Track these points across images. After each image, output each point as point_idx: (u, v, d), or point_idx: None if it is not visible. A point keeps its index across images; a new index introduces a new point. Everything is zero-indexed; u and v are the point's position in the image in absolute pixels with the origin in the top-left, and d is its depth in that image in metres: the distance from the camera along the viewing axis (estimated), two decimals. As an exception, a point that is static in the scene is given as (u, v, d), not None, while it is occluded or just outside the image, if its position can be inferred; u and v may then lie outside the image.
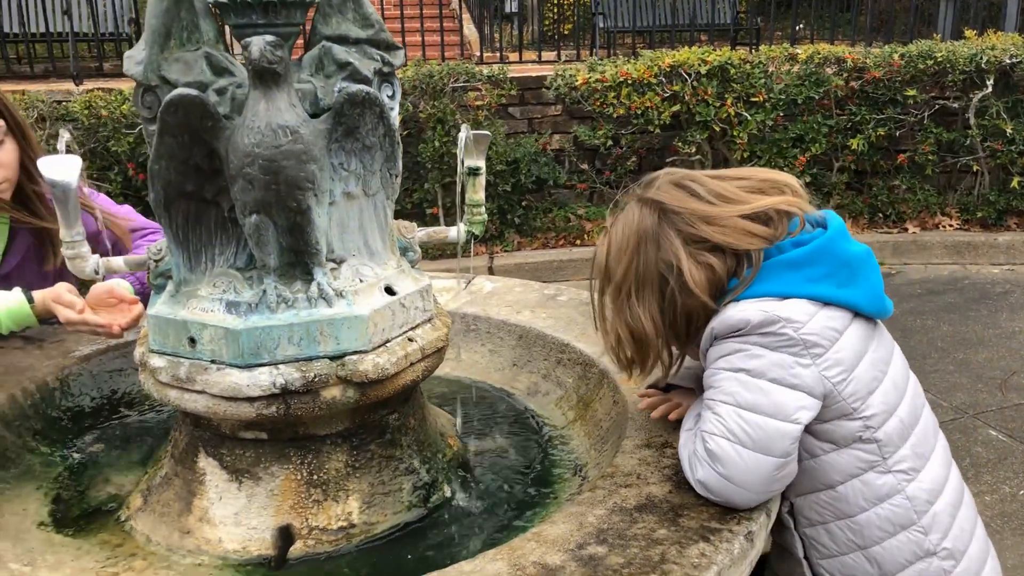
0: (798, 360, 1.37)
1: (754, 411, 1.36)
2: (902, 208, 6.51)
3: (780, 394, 1.36)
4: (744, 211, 1.44)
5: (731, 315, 1.40)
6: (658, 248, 1.46)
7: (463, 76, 6.21)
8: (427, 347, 1.69)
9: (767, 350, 1.37)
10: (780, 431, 1.36)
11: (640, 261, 1.47)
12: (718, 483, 1.37)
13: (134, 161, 5.57)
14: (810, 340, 1.37)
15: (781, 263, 1.43)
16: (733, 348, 1.40)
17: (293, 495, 1.61)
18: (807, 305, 1.40)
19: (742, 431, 1.36)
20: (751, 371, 1.37)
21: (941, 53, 6.04)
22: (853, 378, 1.42)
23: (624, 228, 1.50)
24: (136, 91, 1.57)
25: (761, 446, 1.35)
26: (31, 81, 7.66)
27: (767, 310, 1.38)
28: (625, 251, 1.48)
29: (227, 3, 1.55)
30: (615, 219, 1.55)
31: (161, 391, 1.59)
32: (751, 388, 1.37)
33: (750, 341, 1.38)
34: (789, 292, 1.40)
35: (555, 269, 6.26)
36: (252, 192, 1.47)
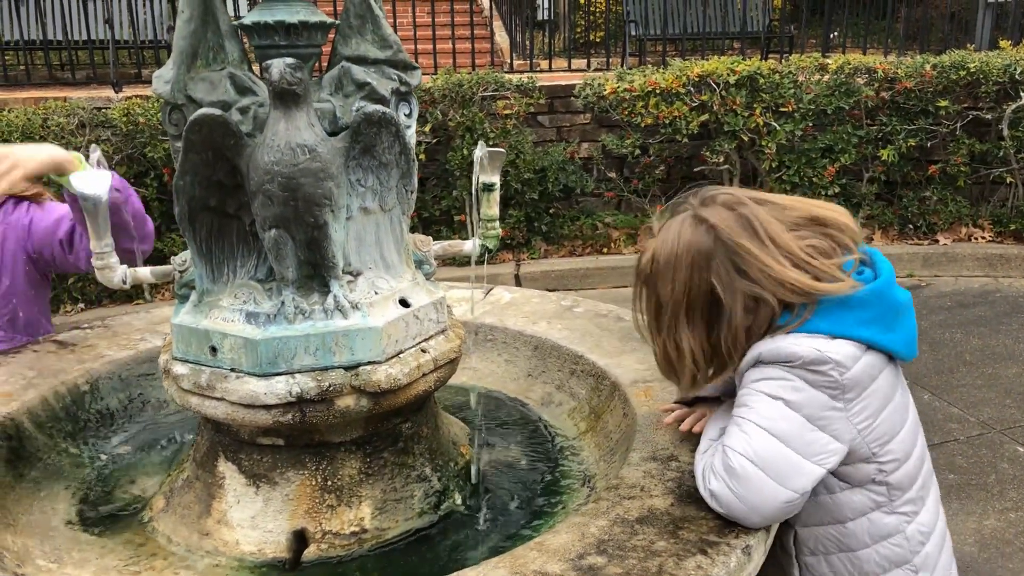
0: (834, 404, 1.38)
1: (784, 442, 1.37)
2: (933, 219, 6.44)
3: (813, 434, 1.38)
4: (797, 261, 1.41)
5: (783, 346, 1.39)
6: (709, 273, 1.43)
7: (492, 85, 6.27)
8: (440, 358, 1.74)
9: (810, 387, 1.37)
10: (803, 469, 1.37)
11: (690, 282, 1.45)
12: (728, 498, 1.39)
13: (169, 167, 5.70)
14: (849, 385, 1.38)
15: (836, 302, 1.41)
16: (778, 375, 1.39)
17: (308, 500, 1.66)
18: (854, 348, 1.40)
19: (767, 457, 1.37)
20: (790, 403, 1.38)
21: (974, 64, 5.97)
22: (878, 424, 1.43)
23: (675, 242, 1.46)
24: (163, 109, 1.64)
25: (781, 477, 1.37)
26: (73, 88, 7.85)
27: (820, 349, 1.37)
28: (675, 268, 1.46)
29: (251, 25, 1.62)
30: (665, 227, 1.51)
31: (183, 397, 1.65)
32: (787, 419, 1.38)
33: (795, 373, 1.38)
34: (840, 332, 1.40)
35: (581, 277, 6.29)
36: (271, 208, 1.53)
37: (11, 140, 5.32)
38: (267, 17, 1.60)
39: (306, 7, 1.64)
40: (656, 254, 1.49)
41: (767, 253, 1.41)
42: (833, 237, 1.46)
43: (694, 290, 1.44)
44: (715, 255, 1.43)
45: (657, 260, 1.49)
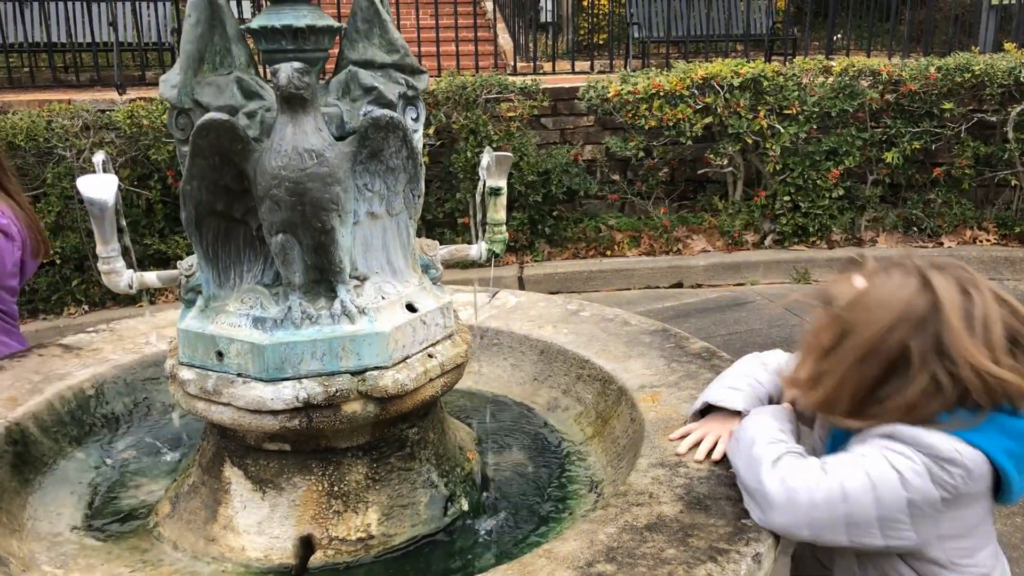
0: (939, 507, 1.37)
1: (877, 504, 1.35)
2: (938, 222, 6.42)
3: (902, 515, 1.36)
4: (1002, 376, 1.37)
5: (923, 435, 1.37)
6: (912, 337, 1.38)
7: (496, 87, 6.26)
8: (447, 363, 1.73)
9: (930, 480, 1.36)
10: (869, 533, 1.37)
11: (888, 334, 1.40)
12: (804, 506, 1.37)
13: (173, 169, 5.70)
14: (964, 495, 1.37)
15: (998, 423, 1.38)
16: (907, 453, 1.36)
17: (314, 506, 1.66)
18: (987, 467, 1.38)
19: (857, 501, 1.36)
20: (906, 482, 1.35)
21: (979, 66, 5.95)
22: (965, 539, 1.43)
23: (892, 293, 1.42)
24: (170, 113, 1.64)
25: (853, 525, 1.36)
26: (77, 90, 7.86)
27: (960, 451, 1.35)
28: (880, 314, 1.41)
29: (258, 29, 1.61)
30: (885, 274, 1.46)
31: (189, 402, 1.65)
32: (893, 491, 1.35)
33: (924, 462, 1.36)
34: (985, 448, 1.37)
35: (585, 279, 6.28)
36: (278, 213, 1.52)
37: (16, 142, 5.33)
38: (274, 21, 1.59)
39: (313, 11, 1.63)
40: (865, 299, 1.44)
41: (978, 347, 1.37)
42: None
43: (888, 342, 1.40)
44: (927, 325, 1.38)
45: (865, 304, 1.44)
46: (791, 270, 6.21)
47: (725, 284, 6.23)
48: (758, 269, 6.25)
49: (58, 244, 5.56)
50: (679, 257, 6.42)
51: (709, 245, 6.51)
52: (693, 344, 2.19)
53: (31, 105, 6.35)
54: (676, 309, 5.76)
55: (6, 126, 5.38)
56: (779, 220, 6.40)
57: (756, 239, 6.49)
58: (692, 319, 5.50)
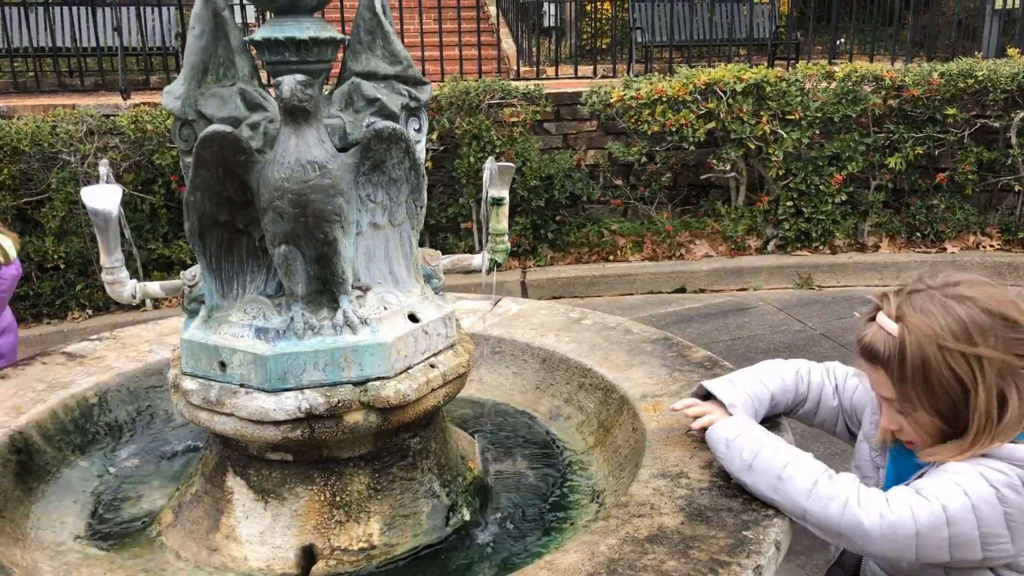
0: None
1: (979, 521, 1.36)
2: (941, 227, 6.41)
3: (1000, 528, 1.36)
4: None
5: (1018, 449, 1.38)
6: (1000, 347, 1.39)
7: (499, 93, 6.27)
8: (449, 373, 1.74)
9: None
10: (972, 551, 1.37)
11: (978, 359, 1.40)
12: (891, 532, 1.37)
13: (177, 174, 5.71)
14: None
15: None
16: (1001, 468, 1.38)
17: (316, 515, 1.66)
18: None
19: (960, 523, 1.36)
20: (1002, 497, 1.36)
21: (982, 72, 5.95)
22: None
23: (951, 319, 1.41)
24: (174, 125, 1.65)
25: (954, 545, 1.37)
26: (81, 94, 7.88)
27: None
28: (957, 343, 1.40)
29: (262, 41, 1.62)
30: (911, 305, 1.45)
31: (192, 412, 1.65)
32: (992, 506, 1.36)
33: (1021, 474, 1.37)
34: None
35: (588, 284, 6.28)
36: (281, 224, 1.53)
37: (21, 147, 5.35)
38: (277, 33, 1.60)
39: (316, 23, 1.64)
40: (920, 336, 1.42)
41: None
42: None
43: (994, 365, 1.39)
44: (995, 329, 1.39)
45: (922, 343, 1.41)
46: (794, 275, 6.21)
47: (728, 289, 6.22)
48: (761, 274, 6.25)
49: (62, 249, 5.58)
50: (682, 262, 6.42)
51: (712, 250, 6.51)
52: (695, 353, 2.19)
53: (36, 110, 6.38)
54: (679, 314, 5.76)
55: (11, 131, 5.39)
56: (782, 225, 6.39)
57: (759, 244, 6.49)
58: (695, 324, 5.50)
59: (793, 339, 5.13)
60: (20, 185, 5.52)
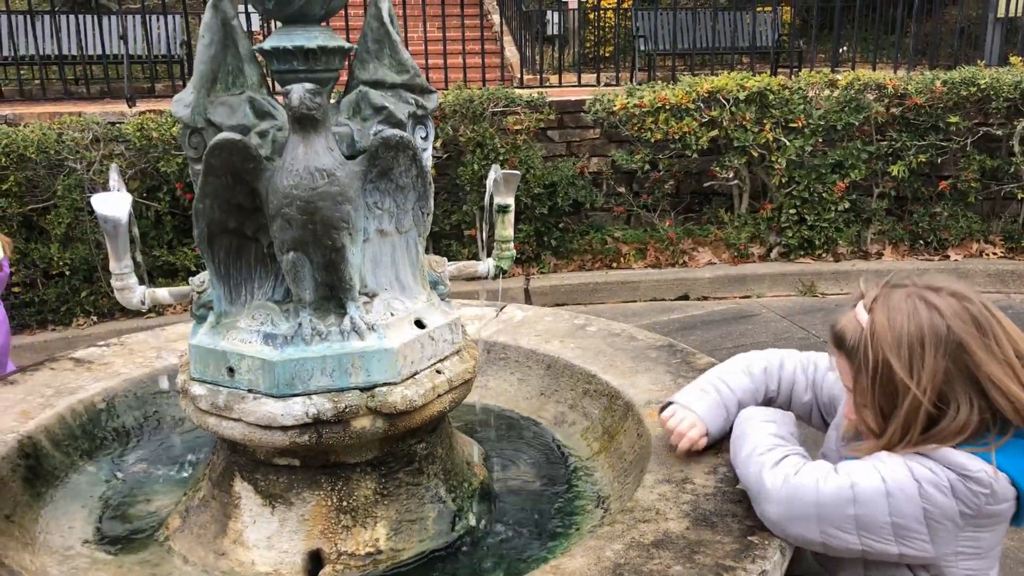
0: (957, 521, 1.37)
1: (890, 508, 1.36)
2: (944, 235, 6.42)
3: (916, 524, 1.36)
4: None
5: (956, 454, 1.36)
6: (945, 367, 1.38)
7: (503, 101, 6.29)
8: (455, 379, 1.75)
9: (952, 494, 1.35)
10: (883, 539, 1.37)
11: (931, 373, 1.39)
12: (810, 503, 1.38)
13: (182, 181, 5.74)
14: (985, 515, 1.37)
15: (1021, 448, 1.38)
16: (932, 468, 1.37)
17: (323, 520, 1.67)
18: (1011, 490, 1.38)
19: (868, 501, 1.36)
20: (924, 494, 1.36)
21: (985, 80, 5.96)
22: (977, 558, 1.42)
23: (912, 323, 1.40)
24: (183, 132, 1.66)
25: (863, 528, 1.37)
26: (87, 102, 7.92)
27: (989, 475, 1.35)
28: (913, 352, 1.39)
29: (270, 50, 1.64)
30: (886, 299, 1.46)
31: (200, 418, 1.66)
32: (910, 500, 1.36)
33: (949, 477, 1.35)
34: (1011, 474, 1.37)
35: (591, 291, 6.29)
36: (290, 231, 1.55)
37: (27, 154, 5.38)
38: (286, 42, 1.62)
39: (324, 32, 1.66)
40: (882, 332, 1.42)
41: (1000, 366, 1.37)
42: None
43: (935, 384, 1.39)
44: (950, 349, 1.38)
45: (883, 339, 1.42)
46: (797, 283, 6.22)
47: (731, 297, 6.23)
48: (764, 282, 6.26)
49: (67, 256, 5.60)
50: (685, 269, 6.43)
51: (715, 258, 6.52)
52: (699, 359, 2.20)
53: (42, 117, 6.41)
54: (682, 321, 5.76)
55: (18, 138, 5.42)
56: (785, 233, 6.40)
57: (762, 252, 6.50)
58: (698, 331, 5.51)
59: (796, 346, 5.12)
60: (26, 192, 5.55)
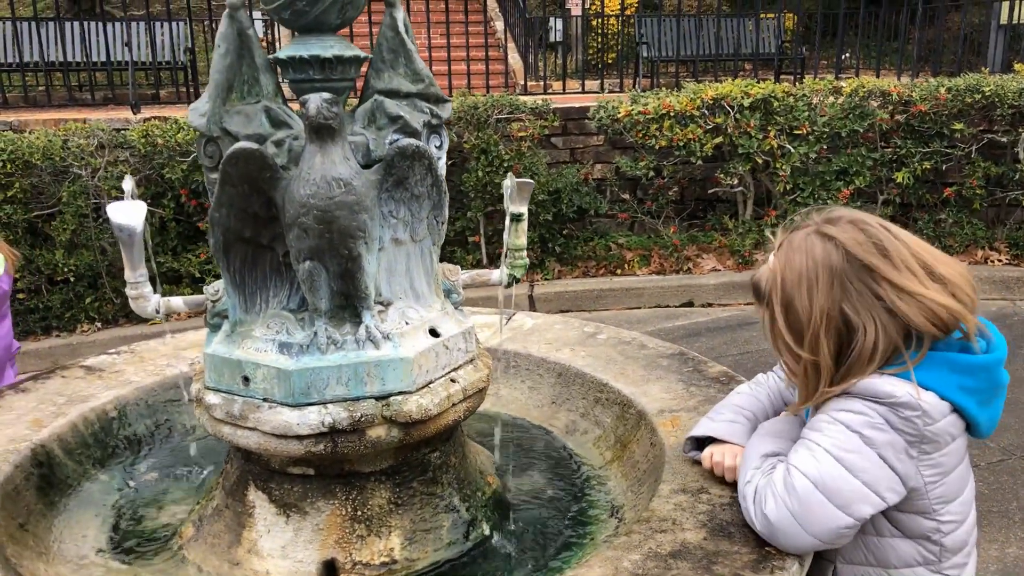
0: (908, 449, 1.38)
1: (850, 471, 1.37)
2: (948, 242, 6.42)
3: (880, 471, 1.38)
4: (933, 297, 1.38)
5: (878, 383, 1.38)
6: (844, 293, 1.40)
7: (507, 108, 6.30)
8: (469, 388, 1.75)
9: (891, 427, 1.37)
10: (866, 498, 1.38)
11: (827, 303, 1.40)
12: (785, 520, 1.39)
13: (187, 188, 5.75)
14: (928, 437, 1.39)
15: (946, 360, 1.40)
16: (861, 409, 1.39)
17: (338, 530, 1.67)
18: (944, 405, 1.39)
19: (832, 481, 1.37)
20: (868, 439, 1.38)
21: (989, 87, 5.97)
22: (945, 483, 1.44)
23: (808, 259, 1.42)
24: (199, 141, 1.66)
25: (843, 503, 1.37)
26: (92, 108, 7.95)
27: (914, 395, 1.36)
28: (811, 284, 1.41)
29: (286, 59, 1.64)
30: (787, 242, 1.48)
31: (215, 427, 1.66)
32: (858, 451, 1.38)
33: (880, 412, 1.38)
34: (938, 390, 1.38)
35: (595, 298, 6.29)
36: (306, 240, 1.55)
37: (33, 161, 5.38)
38: (302, 52, 1.62)
39: (340, 42, 1.66)
40: (784, 271, 1.45)
41: (901, 276, 1.38)
42: (955, 295, 1.40)
43: (832, 311, 1.41)
44: (848, 270, 1.40)
45: (785, 279, 1.45)
46: (802, 289, 6.21)
47: (736, 303, 6.23)
48: (769, 288, 6.25)
49: (72, 262, 5.61)
50: (689, 276, 6.43)
51: (719, 264, 6.52)
52: (711, 368, 2.20)
53: (47, 124, 6.43)
54: (687, 328, 5.76)
55: (23, 145, 5.43)
56: (789, 239, 6.40)
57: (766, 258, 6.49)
58: (703, 338, 5.51)
59: (802, 353, 5.12)
60: (31, 198, 5.55)
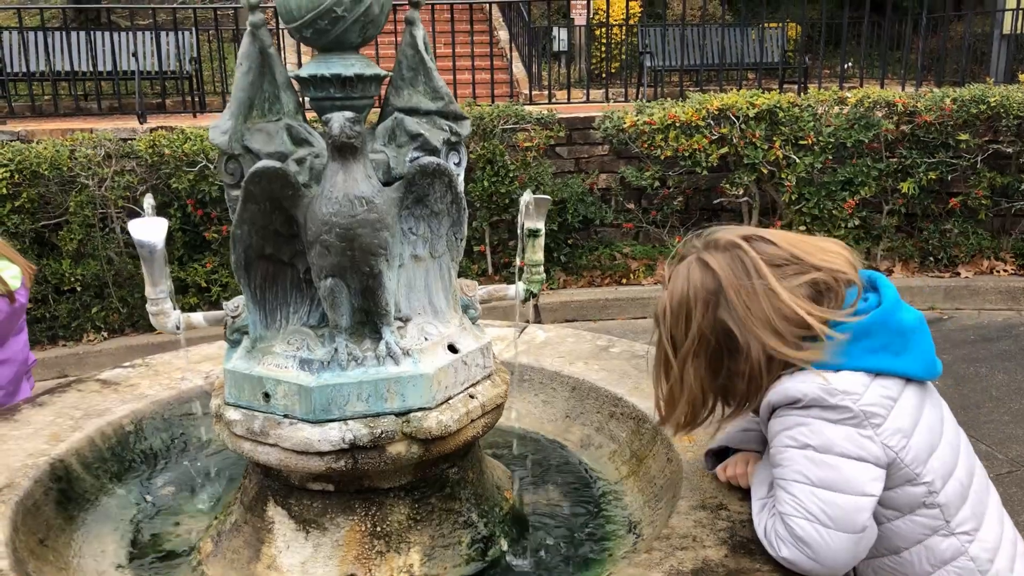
0: (860, 432, 1.39)
1: (828, 488, 1.38)
2: (954, 252, 6.43)
3: (850, 468, 1.38)
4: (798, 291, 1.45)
5: (788, 387, 1.42)
6: (719, 311, 1.47)
7: (512, 118, 6.32)
8: (487, 404, 1.75)
9: (830, 424, 1.39)
10: (856, 505, 1.38)
11: (702, 322, 1.47)
12: (806, 563, 1.39)
13: (193, 198, 5.77)
14: (869, 411, 1.39)
15: (841, 334, 1.43)
16: (795, 422, 1.42)
17: (357, 546, 1.67)
18: (861, 376, 1.42)
19: (820, 511, 1.38)
20: (818, 447, 1.39)
21: (995, 98, 5.99)
22: (912, 444, 1.43)
23: (684, 286, 1.51)
24: (220, 159, 1.67)
25: (841, 524, 1.38)
26: (98, 118, 7.98)
27: (824, 383, 1.40)
28: (687, 309, 1.49)
29: (307, 78, 1.65)
30: (675, 273, 1.55)
31: (235, 443, 1.67)
32: (820, 465, 1.39)
33: (812, 415, 1.40)
34: (845, 364, 1.42)
35: (601, 308, 6.30)
36: (329, 257, 1.55)
37: (40, 171, 5.40)
38: (323, 70, 1.63)
39: (361, 60, 1.67)
40: (668, 299, 1.53)
41: (767, 286, 1.45)
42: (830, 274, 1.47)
43: (706, 330, 1.48)
44: (722, 295, 1.46)
45: (669, 305, 1.53)
46: (807, 299, 6.21)
47: (741, 313, 6.22)
48: (774, 298, 6.25)
49: (79, 272, 5.62)
50: (695, 286, 6.42)
51: (725, 274, 6.51)
52: (726, 382, 2.20)
53: (54, 133, 6.45)
54: (693, 338, 5.75)
55: (31, 155, 5.45)
56: (795, 249, 6.40)
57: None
58: (709, 349, 5.50)
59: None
60: (39, 208, 5.57)
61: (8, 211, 5.42)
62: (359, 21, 1.62)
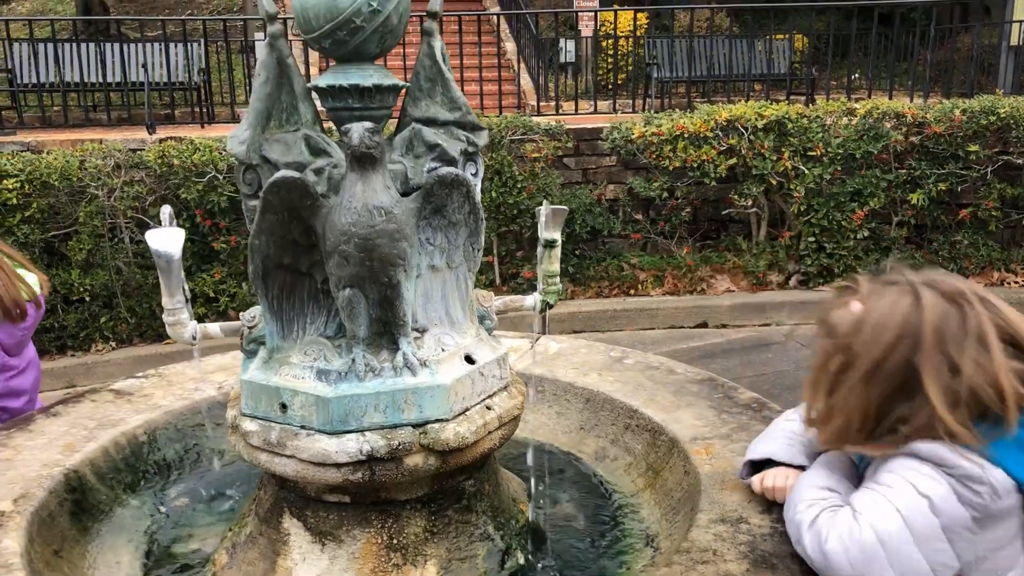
0: (971, 526, 1.36)
1: (916, 539, 1.35)
2: (964, 263, 6.40)
3: (941, 543, 1.35)
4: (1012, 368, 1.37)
5: (947, 453, 1.35)
6: (915, 354, 1.39)
7: (520, 129, 6.33)
8: (504, 415, 1.74)
9: (957, 500, 1.35)
10: (919, 571, 1.35)
11: (891, 351, 1.40)
12: (842, 564, 1.37)
13: (202, 208, 5.78)
14: (993, 514, 1.36)
15: (1018, 439, 1.37)
16: (931, 474, 1.36)
17: (373, 559, 1.66)
18: (1011, 484, 1.36)
19: (896, 546, 1.35)
20: (935, 506, 1.35)
21: (1005, 109, 5.98)
22: (999, 558, 1.41)
23: (887, 308, 1.43)
24: (238, 169, 1.67)
25: (901, 570, 1.35)
26: (107, 128, 7.99)
27: (985, 471, 1.34)
28: (880, 334, 1.41)
29: (325, 88, 1.65)
30: (878, 291, 1.47)
31: (252, 454, 1.66)
32: (926, 518, 1.35)
33: (949, 482, 1.35)
34: (1007, 467, 1.36)
35: (609, 318, 6.28)
36: (347, 268, 1.55)
37: (50, 181, 5.41)
38: (342, 80, 1.63)
39: (379, 71, 1.67)
40: (865, 315, 1.45)
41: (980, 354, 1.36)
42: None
43: (891, 362, 1.40)
44: (921, 339, 1.38)
45: (865, 328, 1.44)
46: (816, 311, 6.19)
47: (750, 324, 6.21)
48: (783, 310, 6.24)
49: (88, 282, 5.63)
50: (703, 297, 6.41)
51: (733, 285, 6.51)
52: (742, 394, 2.19)
53: (63, 144, 6.46)
54: (702, 349, 5.74)
55: (41, 166, 5.47)
56: (804, 261, 6.40)
57: (780, 280, 6.49)
58: (718, 360, 5.49)
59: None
60: (48, 219, 5.58)
61: (18, 221, 5.43)
62: (377, 32, 1.62)
